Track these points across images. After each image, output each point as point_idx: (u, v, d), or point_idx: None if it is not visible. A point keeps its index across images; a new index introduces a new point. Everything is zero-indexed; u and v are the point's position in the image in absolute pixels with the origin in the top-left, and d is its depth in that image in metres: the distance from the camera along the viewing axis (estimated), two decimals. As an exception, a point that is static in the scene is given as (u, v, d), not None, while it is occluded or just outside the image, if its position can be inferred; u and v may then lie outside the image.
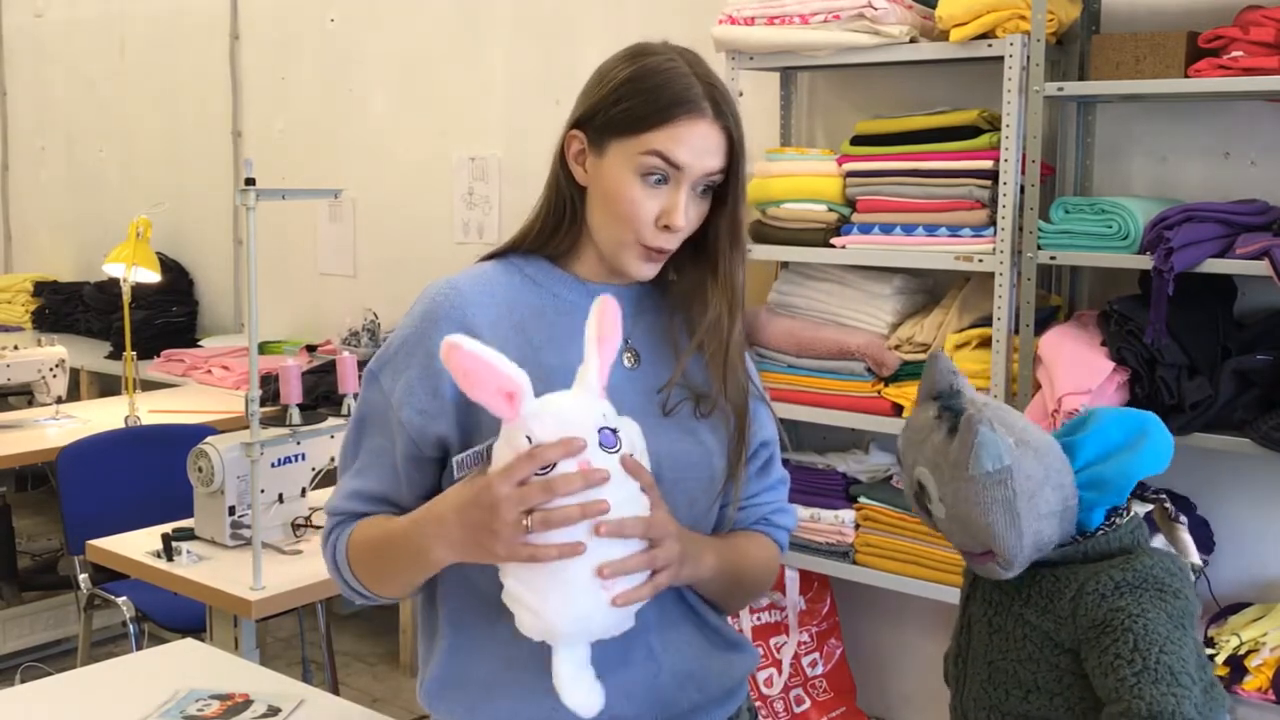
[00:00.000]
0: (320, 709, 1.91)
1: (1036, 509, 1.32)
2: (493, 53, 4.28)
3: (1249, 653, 2.56)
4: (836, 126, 3.42)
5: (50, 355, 4.04)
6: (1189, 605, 1.33)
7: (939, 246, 2.87)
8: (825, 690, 3.35)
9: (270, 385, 3.56)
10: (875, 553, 3.06)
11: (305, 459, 2.81)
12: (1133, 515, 1.39)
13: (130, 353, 3.94)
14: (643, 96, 1.35)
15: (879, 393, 2.99)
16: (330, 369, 3.88)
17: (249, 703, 1.91)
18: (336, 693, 3.09)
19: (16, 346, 4.03)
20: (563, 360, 1.37)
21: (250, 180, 2.35)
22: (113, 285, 4.91)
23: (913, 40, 2.92)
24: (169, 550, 2.67)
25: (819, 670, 3.35)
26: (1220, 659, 2.55)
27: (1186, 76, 2.60)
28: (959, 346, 2.85)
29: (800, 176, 3.08)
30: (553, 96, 4.06)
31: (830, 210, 3.04)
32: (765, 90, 3.45)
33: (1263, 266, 2.43)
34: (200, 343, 5.13)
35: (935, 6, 2.87)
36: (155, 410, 4.04)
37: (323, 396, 3.92)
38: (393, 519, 1.40)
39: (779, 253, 3.13)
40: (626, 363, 1.44)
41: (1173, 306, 2.52)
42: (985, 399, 1.38)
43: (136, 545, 2.76)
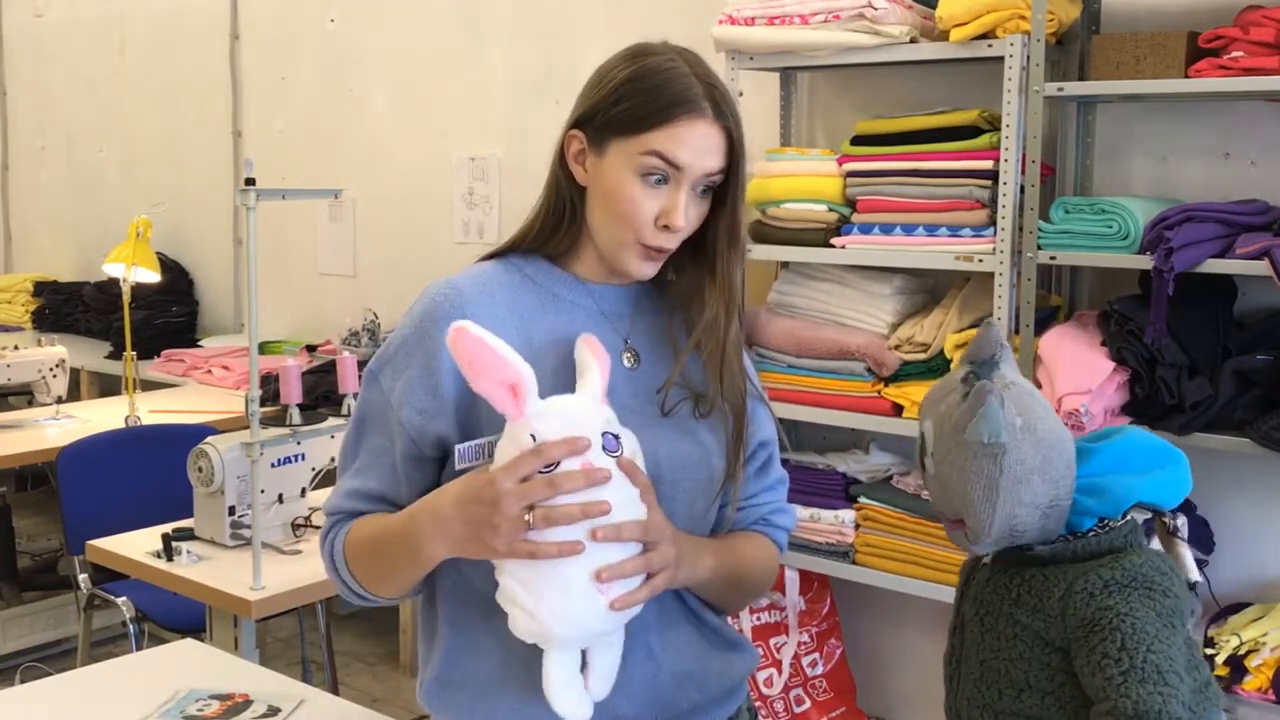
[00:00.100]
0: (320, 709, 1.91)
1: (1019, 495, 1.33)
2: (493, 53, 4.28)
3: (1249, 653, 2.56)
4: (836, 126, 3.42)
5: (50, 355, 4.04)
6: (1179, 603, 1.33)
7: (939, 246, 2.87)
8: (825, 690, 3.35)
9: (270, 385, 3.56)
10: (875, 553, 3.06)
11: (305, 459, 2.81)
12: (1128, 520, 1.40)
13: (130, 353, 3.94)
14: (643, 96, 1.35)
15: (879, 393, 2.99)
16: (330, 369, 3.88)
17: (249, 703, 1.91)
18: (336, 693, 3.09)
19: (16, 346, 4.03)
20: (563, 360, 1.37)
21: (250, 180, 2.35)
22: (113, 285, 4.91)
23: (913, 40, 2.92)
24: (169, 550, 2.67)
25: (819, 670, 3.35)
26: (1220, 659, 2.55)
27: (1186, 76, 2.60)
28: (959, 346, 2.85)
29: (800, 176, 3.08)
30: (553, 96, 4.06)
31: (830, 210, 3.04)
32: (765, 90, 3.44)
33: (1263, 266, 2.43)
34: (200, 343, 5.13)
35: (935, 6, 2.87)
36: (155, 410, 4.04)
37: (323, 396, 3.92)
38: (388, 516, 1.40)
39: (779, 253, 3.13)
40: (626, 363, 1.44)
41: (1173, 306, 2.52)
42: (1019, 381, 1.38)
43: (136, 545, 2.76)
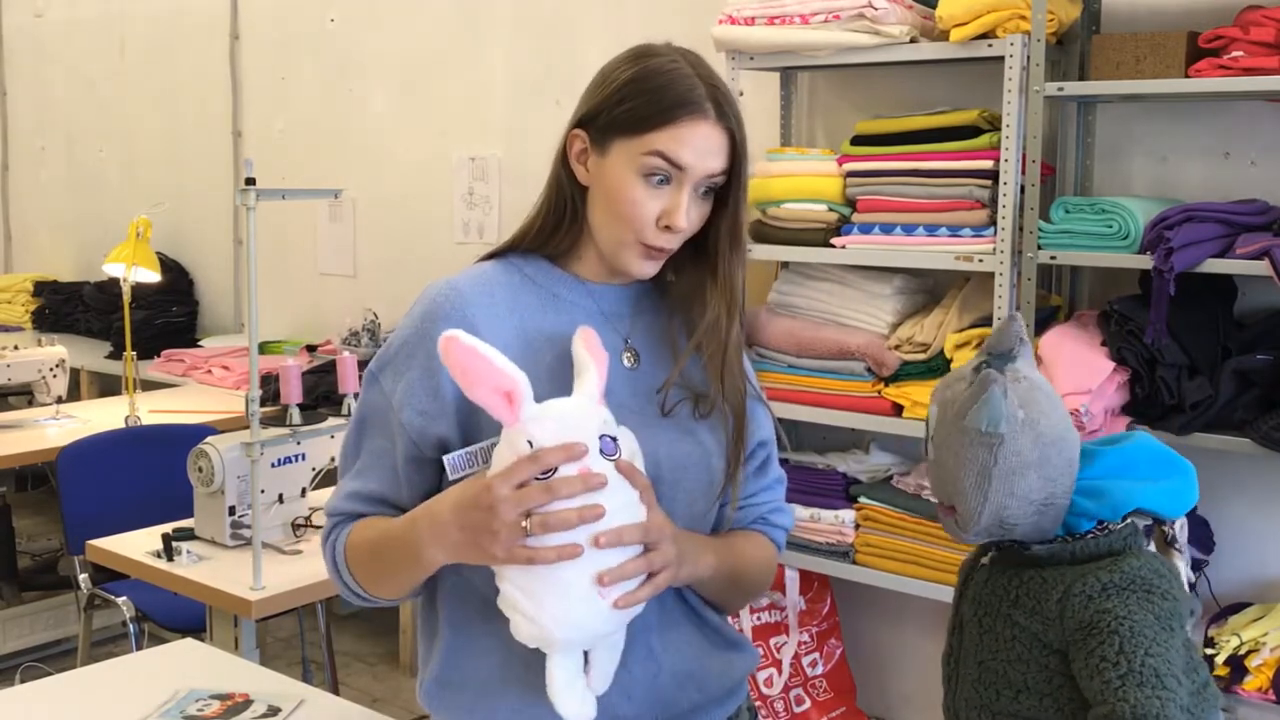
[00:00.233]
0: (320, 709, 1.91)
1: (1012, 487, 1.34)
2: (493, 53, 4.28)
3: (1249, 653, 2.56)
4: (836, 126, 3.42)
5: (50, 355, 4.04)
6: (1178, 606, 1.33)
7: (939, 246, 2.87)
8: (825, 690, 3.35)
9: (270, 385, 3.56)
10: (875, 553, 3.06)
11: (305, 459, 2.81)
12: (1128, 523, 1.40)
13: (130, 353, 3.94)
14: (646, 97, 1.35)
15: (879, 393, 2.99)
16: (330, 369, 3.88)
17: (249, 703, 1.91)
18: (336, 693, 3.09)
19: (16, 346, 4.03)
20: (562, 360, 1.37)
21: (250, 180, 2.35)
22: (113, 285, 4.91)
23: (913, 40, 2.92)
24: (169, 550, 2.67)
25: (819, 670, 3.35)
26: (1220, 659, 2.54)
27: (1187, 76, 2.60)
28: (959, 346, 2.85)
29: (800, 176, 3.08)
30: (553, 96, 4.06)
31: (830, 210, 3.04)
32: (765, 90, 3.44)
33: (1263, 266, 2.43)
34: (200, 343, 5.13)
35: (935, 6, 2.87)
36: (155, 410, 4.04)
37: (323, 396, 3.92)
38: (390, 519, 1.40)
39: (779, 253, 3.13)
40: (626, 363, 1.44)
41: (1173, 306, 2.52)
42: (1033, 376, 1.39)
43: (136, 545, 2.76)
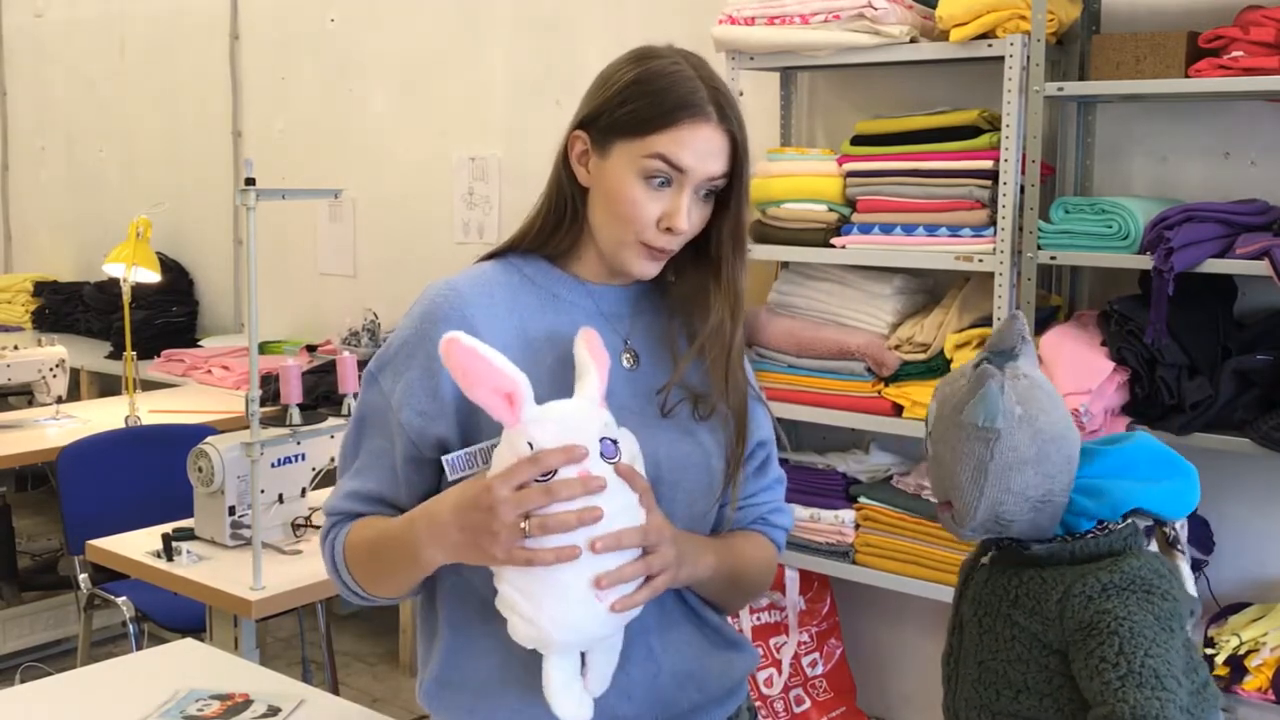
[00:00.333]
0: (320, 709, 1.91)
1: (1008, 483, 1.34)
2: (493, 53, 4.28)
3: (1249, 653, 2.56)
4: (836, 126, 3.42)
5: (50, 355, 4.04)
6: (1177, 606, 1.33)
7: (939, 246, 2.87)
8: (825, 690, 3.34)
9: (270, 385, 3.56)
10: (875, 553, 3.06)
11: (305, 459, 2.81)
12: (1128, 523, 1.40)
13: (130, 353, 3.94)
14: (647, 99, 1.35)
15: (879, 393, 2.99)
16: (330, 369, 3.88)
17: (249, 703, 1.91)
18: (336, 693, 3.09)
19: (16, 346, 4.03)
20: (561, 360, 1.37)
21: (250, 180, 2.35)
22: (113, 285, 4.91)
23: (913, 40, 2.92)
24: (169, 550, 2.67)
25: (819, 670, 3.35)
26: (1220, 659, 2.54)
27: (1187, 76, 2.60)
28: (959, 346, 2.85)
29: (800, 176, 3.08)
30: (553, 96, 4.06)
31: (830, 210, 3.04)
32: (765, 90, 3.44)
33: (1263, 266, 2.43)
34: (200, 343, 5.13)
35: (935, 6, 2.86)
36: (155, 410, 4.04)
37: (323, 396, 3.92)
38: (389, 519, 1.40)
39: (779, 253, 3.13)
40: (625, 363, 1.44)
41: (1173, 306, 2.52)
42: (1034, 374, 1.39)
43: (136, 545, 2.76)
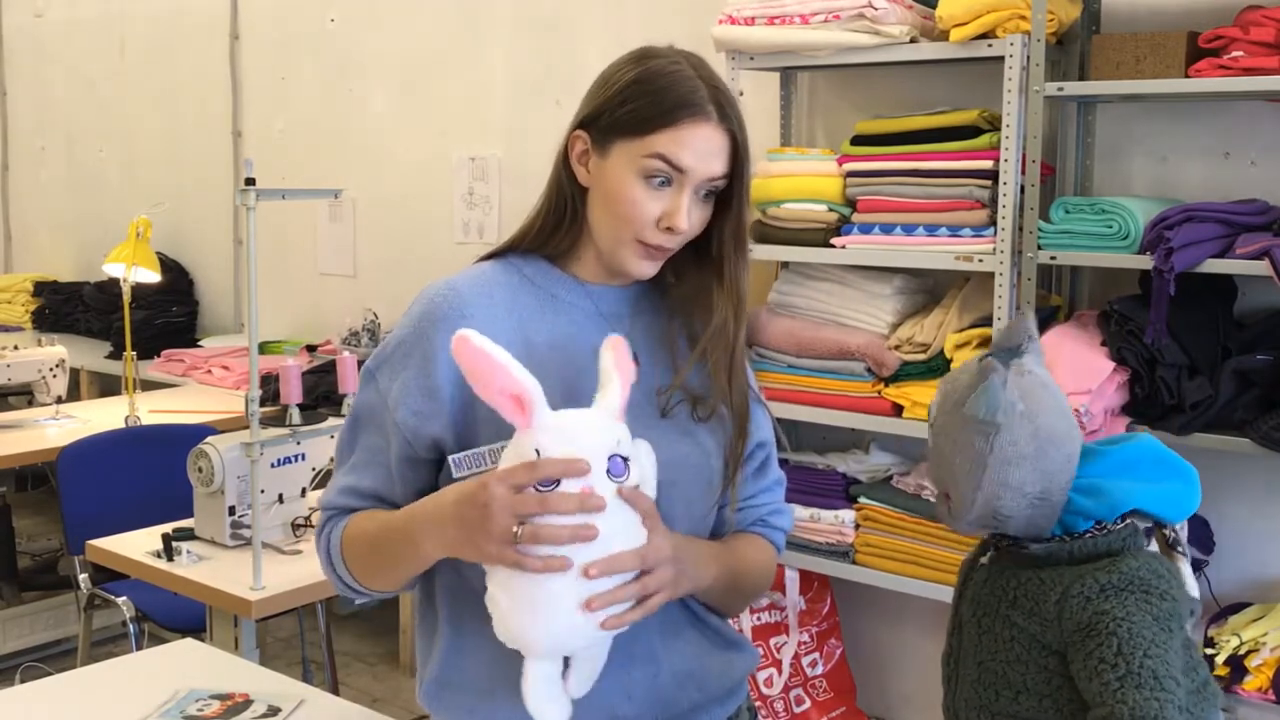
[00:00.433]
0: (320, 709, 1.91)
1: (1006, 478, 1.35)
2: (493, 53, 4.28)
3: (1249, 653, 2.56)
4: (836, 126, 3.42)
5: (50, 355, 4.04)
6: (1176, 606, 1.33)
7: (939, 246, 2.87)
8: (825, 690, 3.34)
9: (270, 385, 3.56)
10: (875, 553, 3.06)
11: (305, 459, 2.81)
12: (1127, 524, 1.40)
13: (130, 353, 3.94)
14: (648, 99, 1.35)
15: (879, 393, 2.99)
16: (330, 369, 3.88)
17: (249, 703, 1.91)
18: (336, 693, 3.09)
19: (16, 346, 4.03)
20: (561, 361, 1.37)
21: (250, 180, 2.35)
22: (113, 285, 4.91)
23: (913, 40, 2.92)
24: (169, 550, 2.67)
25: (819, 670, 3.35)
26: (1220, 659, 2.54)
27: (1187, 76, 2.60)
28: (959, 346, 2.85)
29: (800, 176, 3.08)
30: (553, 96, 4.06)
31: (830, 210, 3.04)
32: (765, 90, 3.44)
33: (1263, 266, 2.43)
34: (200, 343, 5.13)
35: (935, 6, 2.86)
36: (155, 410, 4.04)
37: (323, 396, 3.92)
38: (389, 512, 1.40)
39: (779, 253, 3.13)
40: (626, 363, 1.44)
41: (1173, 306, 2.52)
42: (1039, 372, 1.40)
43: (136, 545, 2.76)
